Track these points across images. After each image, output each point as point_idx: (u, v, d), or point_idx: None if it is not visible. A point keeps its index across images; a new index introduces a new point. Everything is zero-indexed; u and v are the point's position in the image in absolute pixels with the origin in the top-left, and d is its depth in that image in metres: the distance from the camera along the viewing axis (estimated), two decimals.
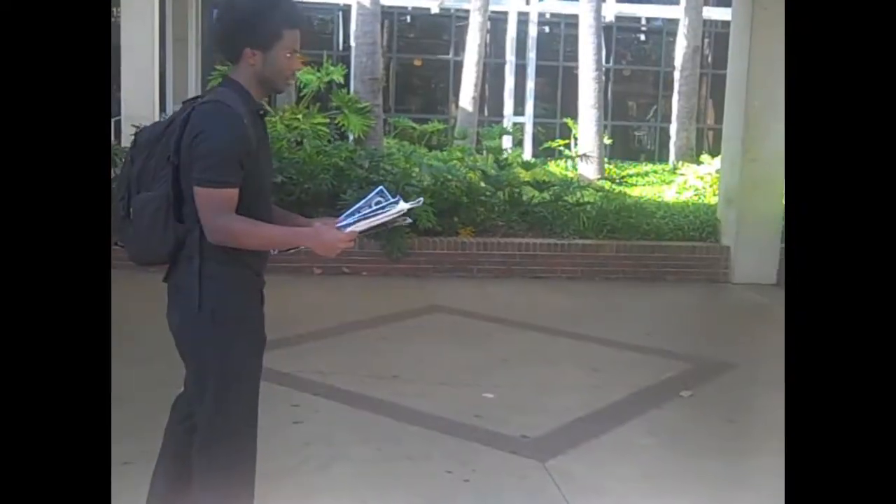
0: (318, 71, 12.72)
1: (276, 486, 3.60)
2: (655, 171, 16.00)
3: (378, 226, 2.65)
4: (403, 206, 2.62)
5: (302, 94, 12.62)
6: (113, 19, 10.54)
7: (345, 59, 16.50)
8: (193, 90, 13.52)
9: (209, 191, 2.46)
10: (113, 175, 2.48)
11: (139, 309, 6.38)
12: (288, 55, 2.59)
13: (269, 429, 4.23)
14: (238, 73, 2.60)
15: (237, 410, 2.66)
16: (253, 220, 2.52)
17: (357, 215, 2.64)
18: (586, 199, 9.42)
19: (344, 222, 2.64)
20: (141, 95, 9.86)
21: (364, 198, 2.69)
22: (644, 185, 14.30)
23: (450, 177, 8.93)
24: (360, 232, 2.64)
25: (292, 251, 2.76)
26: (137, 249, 2.62)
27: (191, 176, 2.48)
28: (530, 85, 19.90)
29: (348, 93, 12.89)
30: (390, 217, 2.63)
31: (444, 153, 13.12)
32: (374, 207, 2.65)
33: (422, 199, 2.94)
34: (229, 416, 2.64)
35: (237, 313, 2.62)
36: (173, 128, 2.55)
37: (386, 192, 2.71)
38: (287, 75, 2.65)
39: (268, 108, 2.57)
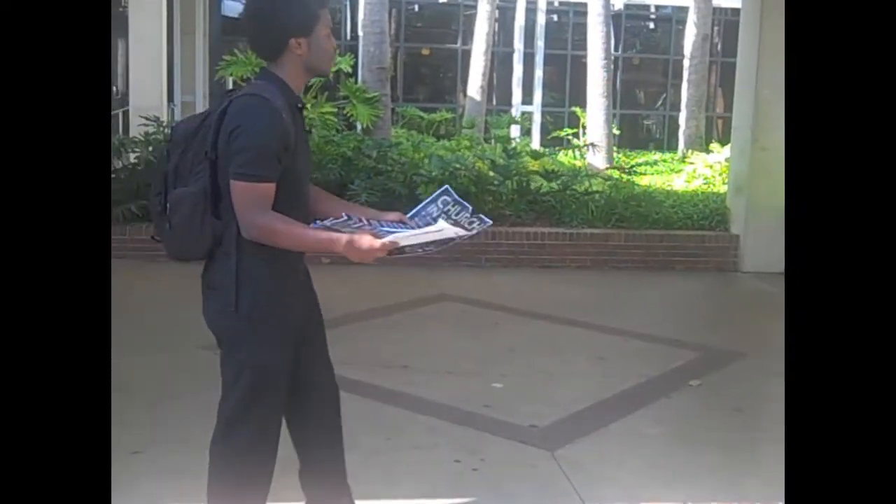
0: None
1: (284, 474, 3.62)
2: (664, 160, 15.95)
3: (427, 243, 2.56)
4: (458, 232, 2.53)
5: (309, 83, 12.59)
6: (121, 10, 10.56)
7: (352, 49, 16.47)
8: (201, 82, 13.53)
9: (246, 185, 2.42)
10: (116, 166, 2.48)
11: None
12: (327, 35, 2.58)
13: None
14: (279, 65, 2.55)
15: (260, 413, 2.63)
16: (290, 219, 2.47)
17: (411, 225, 2.59)
18: (595, 189, 9.40)
19: (390, 229, 2.57)
20: (149, 87, 9.90)
21: (429, 197, 2.65)
22: (653, 173, 14.25)
23: (458, 166, 8.92)
24: (406, 246, 2.51)
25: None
26: (174, 245, 2.59)
27: (228, 170, 2.45)
28: (538, 74, 19.83)
29: (356, 82, 12.87)
30: (440, 238, 2.54)
31: (453, 142, 13.11)
32: (439, 211, 2.61)
33: (489, 221, 2.76)
34: (251, 417, 2.61)
35: (273, 314, 2.58)
36: (209, 122, 2.52)
37: (451, 191, 2.67)
38: (331, 55, 2.63)
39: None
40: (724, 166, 11.69)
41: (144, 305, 6.21)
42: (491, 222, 2.80)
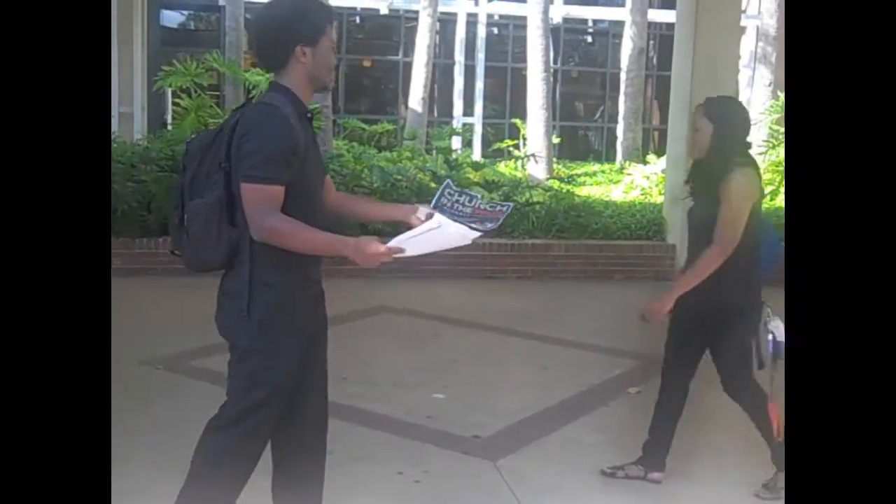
0: (267, 71, 12.57)
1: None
2: (603, 171, 16.18)
3: (442, 247, 2.60)
4: (466, 233, 2.53)
5: (251, 95, 12.49)
6: None
7: None
8: (139, 93, 13.30)
9: (255, 187, 2.45)
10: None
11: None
12: (331, 49, 2.64)
13: None
14: (286, 75, 2.61)
15: (258, 418, 2.63)
16: (298, 222, 2.49)
17: (416, 231, 2.54)
18: (535, 199, 9.50)
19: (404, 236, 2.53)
20: None
21: (436, 194, 2.63)
22: (592, 184, 14.46)
23: (399, 177, 8.95)
24: (411, 249, 2.51)
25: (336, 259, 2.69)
26: (193, 256, 2.61)
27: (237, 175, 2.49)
28: (479, 86, 19.98)
29: None
30: (445, 238, 2.56)
31: (394, 154, 13.12)
32: (452, 201, 2.59)
33: (511, 205, 2.79)
34: (248, 420, 2.62)
35: (285, 324, 2.60)
36: (223, 134, 2.57)
37: (453, 185, 2.67)
38: (331, 68, 2.69)
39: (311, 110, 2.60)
40: (660, 177, 11.91)
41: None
42: (512, 205, 2.86)
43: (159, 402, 4.68)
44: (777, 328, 3.44)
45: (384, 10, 19.79)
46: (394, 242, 2.49)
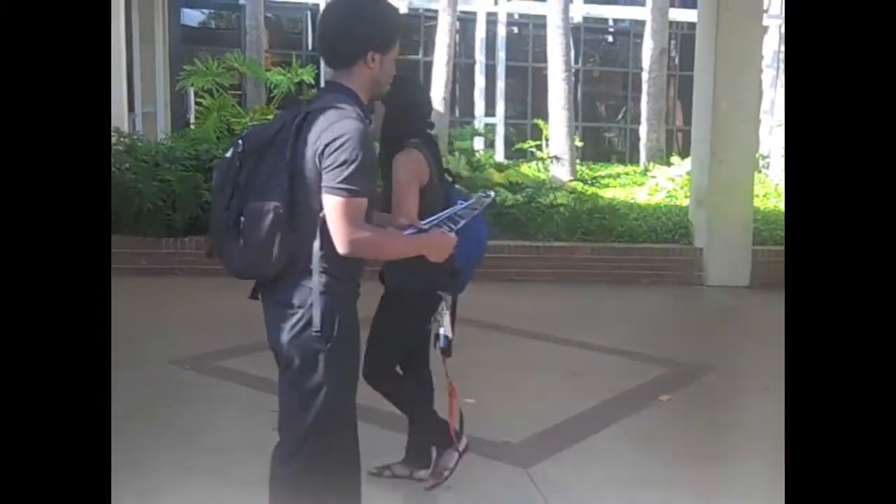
0: (289, 71, 12.59)
1: (255, 494, 3.57)
2: (627, 173, 16.09)
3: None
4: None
5: (272, 94, 12.51)
6: None
7: (314, 59, 16.38)
8: (162, 92, 13.34)
9: (345, 200, 2.37)
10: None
11: None
12: (393, 60, 2.65)
13: (248, 435, 4.20)
14: (350, 77, 2.56)
15: (340, 433, 2.64)
16: (380, 229, 2.50)
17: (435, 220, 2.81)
18: (560, 202, 9.43)
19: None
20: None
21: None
22: (616, 186, 14.36)
23: None
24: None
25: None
26: (242, 262, 2.48)
27: (321, 184, 2.39)
28: (500, 85, 19.91)
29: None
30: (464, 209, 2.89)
31: None
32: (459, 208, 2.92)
33: (492, 194, 3.19)
34: (331, 437, 2.60)
35: (348, 331, 2.55)
36: (285, 133, 2.45)
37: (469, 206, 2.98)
38: (390, 78, 2.68)
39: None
40: (685, 179, 11.82)
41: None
42: (493, 194, 3.20)
43: (187, 403, 4.67)
44: (445, 321, 3.42)
45: (403, 9, 19.74)
46: (440, 230, 2.66)
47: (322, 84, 14.14)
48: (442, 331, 3.40)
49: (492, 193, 3.07)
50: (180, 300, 7.01)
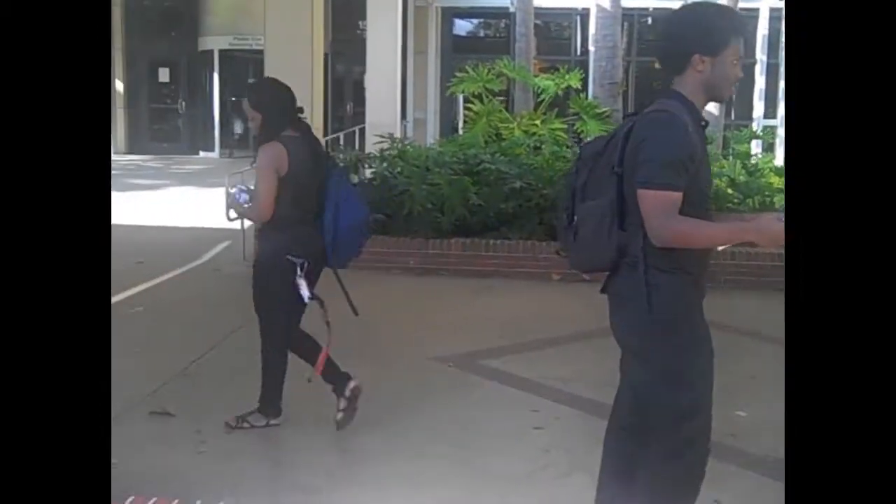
0: (556, 76, 12.61)
1: (515, 491, 3.53)
2: None
3: None
4: None
5: (540, 99, 12.57)
6: (358, 33, 11.03)
7: (582, 64, 16.28)
8: (432, 99, 13.88)
9: (653, 192, 2.49)
10: (353, 181, 2.45)
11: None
12: (734, 62, 2.66)
13: (508, 433, 4.21)
14: (682, 82, 2.67)
15: (691, 423, 2.70)
16: (694, 219, 2.52)
17: None
18: None
19: None
20: (384, 105, 10.26)
21: None
22: None
23: None
24: None
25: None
26: (580, 257, 2.75)
27: (634, 181, 2.54)
28: (783, 86, 18.74)
29: (586, 98, 12.68)
30: None
31: None
32: None
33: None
34: (681, 429, 2.69)
35: (685, 321, 2.66)
36: (615, 141, 2.65)
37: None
38: (732, 81, 2.70)
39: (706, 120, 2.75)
40: None
41: (378, 316, 6.35)
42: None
43: (449, 399, 4.76)
44: (301, 284, 3.94)
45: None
46: (773, 215, 2.55)
47: (590, 87, 13.99)
48: (303, 291, 3.95)
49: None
50: (446, 299, 7.16)
